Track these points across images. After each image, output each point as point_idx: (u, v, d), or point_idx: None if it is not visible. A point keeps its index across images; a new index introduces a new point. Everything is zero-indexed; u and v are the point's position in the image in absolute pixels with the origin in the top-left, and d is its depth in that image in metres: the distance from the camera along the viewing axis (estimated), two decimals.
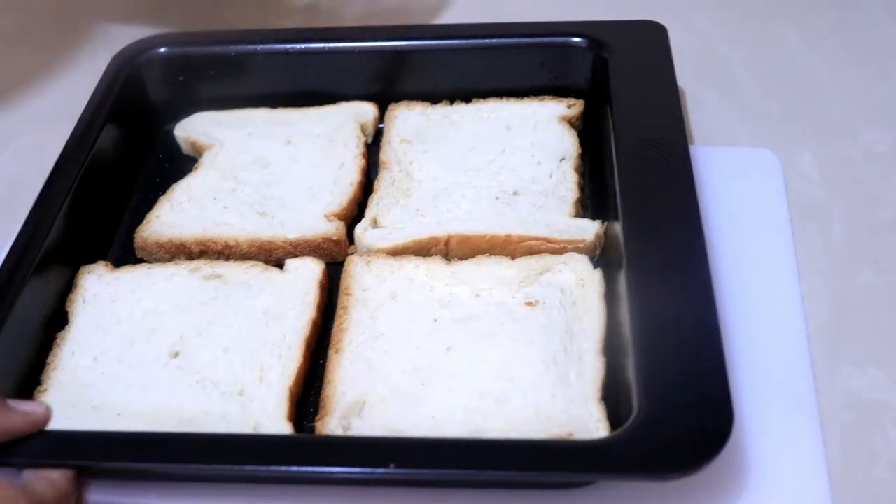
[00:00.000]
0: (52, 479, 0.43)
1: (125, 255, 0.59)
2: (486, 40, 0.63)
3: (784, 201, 0.59)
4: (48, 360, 0.51)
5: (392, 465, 0.41)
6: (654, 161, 0.52)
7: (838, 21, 0.76)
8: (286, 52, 0.65)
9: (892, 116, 0.66)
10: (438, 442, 0.43)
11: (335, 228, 0.56)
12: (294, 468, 0.42)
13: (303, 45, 0.65)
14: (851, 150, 0.64)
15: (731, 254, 0.56)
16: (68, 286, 0.55)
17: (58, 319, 0.54)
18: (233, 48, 0.65)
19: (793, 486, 0.45)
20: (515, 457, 0.41)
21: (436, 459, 0.42)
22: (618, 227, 0.50)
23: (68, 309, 0.54)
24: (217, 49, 0.65)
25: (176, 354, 0.51)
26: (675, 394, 0.42)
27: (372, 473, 0.42)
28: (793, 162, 0.63)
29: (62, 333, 0.53)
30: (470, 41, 0.64)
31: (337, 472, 0.42)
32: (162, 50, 0.66)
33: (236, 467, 0.43)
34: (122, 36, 0.69)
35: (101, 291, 0.54)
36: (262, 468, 0.43)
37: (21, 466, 0.44)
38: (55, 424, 0.46)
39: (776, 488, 0.45)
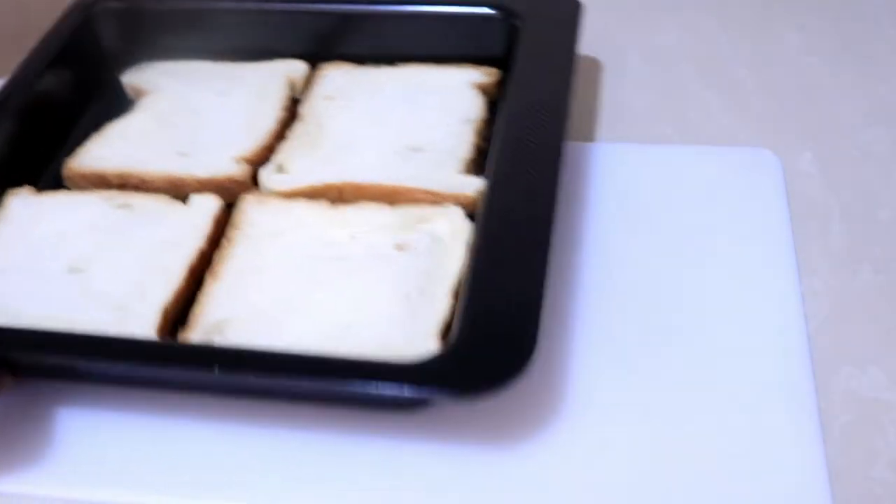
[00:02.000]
0: None
1: (56, 185, 0.62)
2: (410, 7, 0.69)
3: (784, 201, 0.59)
4: None
5: (216, 368, 0.46)
6: (534, 125, 0.57)
7: (838, 21, 0.76)
8: (227, 11, 0.70)
9: (892, 116, 0.66)
10: (262, 352, 0.47)
11: (241, 170, 0.60)
12: (127, 363, 0.49)
13: (243, 4, 0.71)
14: (851, 150, 0.64)
15: (730, 254, 0.56)
16: None
17: None
18: (181, 4, 0.71)
19: (792, 486, 0.45)
20: (327, 367, 0.46)
21: (256, 366, 0.46)
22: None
23: None
24: (167, 4, 0.71)
25: (74, 270, 0.55)
26: (486, 326, 0.46)
27: (197, 375, 0.48)
28: (793, 162, 0.63)
29: None
30: (394, 7, 0.69)
31: (167, 372, 0.49)
32: (114, 2, 0.71)
33: (74, 357, 0.49)
34: None
35: (21, 212, 0.59)
36: (102, 362, 0.49)
37: None
38: None
39: (776, 488, 0.45)
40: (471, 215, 0.56)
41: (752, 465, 0.46)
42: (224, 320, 0.51)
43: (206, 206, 0.58)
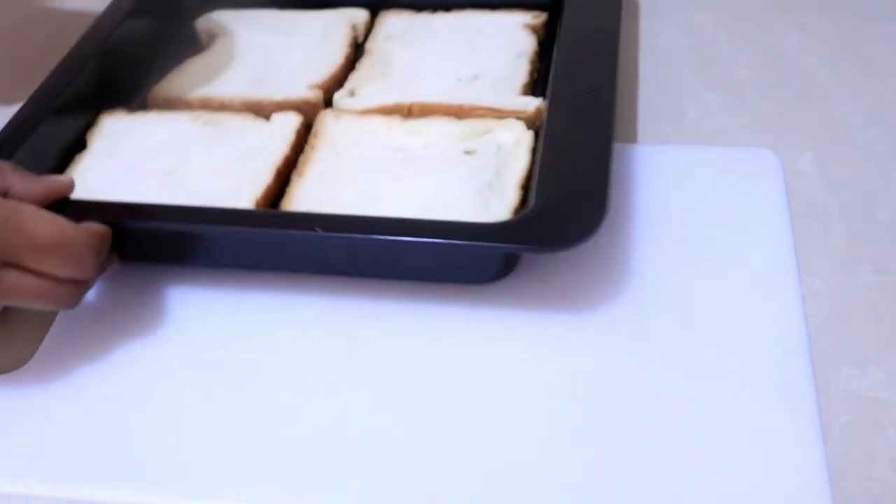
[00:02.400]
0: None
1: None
2: None
3: (784, 201, 0.59)
4: (64, 173, 0.61)
5: (318, 229, 0.51)
6: (587, 54, 0.64)
7: (838, 21, 0.76)
8: None
9: (892, 116, 0.66)
10: (358, 216, 0.54)
11: (314, 95, 0.66)
12: (242, 228, 0.54)
13: None
14: (851, 150, 0.64)
15: (730, 254, 0.56)
16: (90, 125, 0.66)
17: (78, 148, 0.64)
18: None
19: (792, 486, 0.45)
20: (422, 228, 0.52)
21: (354, 227, 0.52)
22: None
23: (87, 139, 0.64)
24: None
25: (171, 174, 0.60)
26: (561, 194, 0.53)
27: (301, 235, 0.52)
28: (793, 162, 0.63)
29: (79, 155, 0.63)
30: None
31: (277, 234, 0.54)
32: None
33: (196, 225, 0.54)
34: None
35: (116, 127, 0.65)
36: (219, 227, 0.54)
37: None
38: None
39: (776, 488, 0.45)
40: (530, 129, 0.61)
41: (752, 465, 0.46)
42: (312, 211, 0.57)
43: (288, 121, 0.64)
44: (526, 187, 0.57)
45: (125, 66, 0.71)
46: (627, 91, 0.70)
